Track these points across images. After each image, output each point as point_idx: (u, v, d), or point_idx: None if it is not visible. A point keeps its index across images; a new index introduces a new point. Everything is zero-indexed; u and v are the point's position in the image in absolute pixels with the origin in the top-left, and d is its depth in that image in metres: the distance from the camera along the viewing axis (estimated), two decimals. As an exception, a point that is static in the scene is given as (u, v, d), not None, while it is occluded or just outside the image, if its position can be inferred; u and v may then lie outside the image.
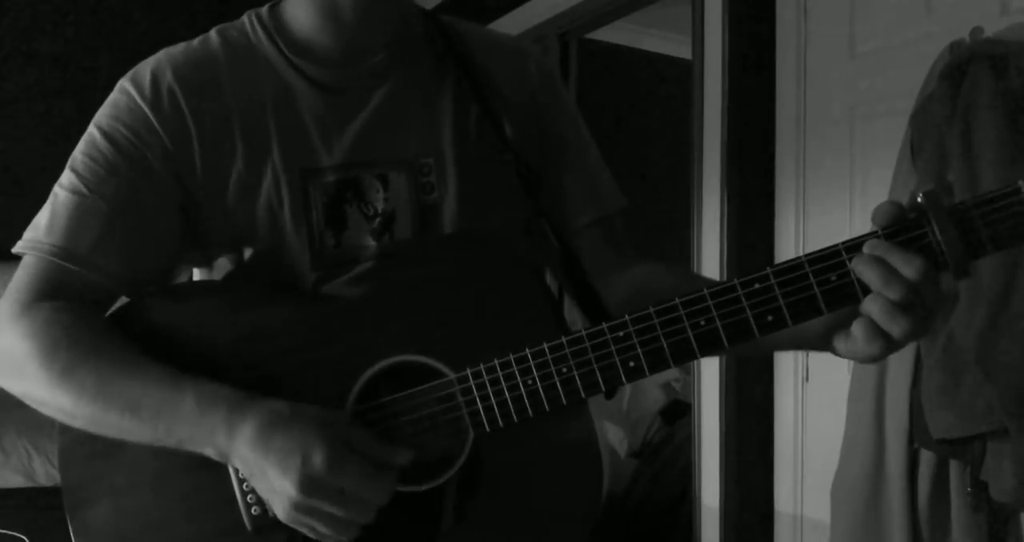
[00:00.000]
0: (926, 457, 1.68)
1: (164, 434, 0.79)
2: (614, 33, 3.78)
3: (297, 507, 0.75)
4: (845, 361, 2.07)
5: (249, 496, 0.82)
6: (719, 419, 2.44)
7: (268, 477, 0.76)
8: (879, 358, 0.72)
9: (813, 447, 2.33)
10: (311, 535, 0.78)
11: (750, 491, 2.43)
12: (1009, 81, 1.53)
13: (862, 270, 0.70)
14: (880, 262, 0.69)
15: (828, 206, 2.27)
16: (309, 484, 0.74)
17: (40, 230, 0.88)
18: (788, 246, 2.38)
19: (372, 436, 0.79)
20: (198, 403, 0.78)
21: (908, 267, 0.68)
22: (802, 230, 2.35)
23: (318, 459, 0.73)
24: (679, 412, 3.15)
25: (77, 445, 0.87)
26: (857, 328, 0.71)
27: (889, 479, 1.73)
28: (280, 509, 0.77)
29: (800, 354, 2.34)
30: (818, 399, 2.31)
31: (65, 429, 0.87)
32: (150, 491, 0.85)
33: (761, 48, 2.41)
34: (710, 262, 2.43)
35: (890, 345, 0.71)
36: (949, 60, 1.64)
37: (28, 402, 0.85)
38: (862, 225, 2.17)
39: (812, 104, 2.33)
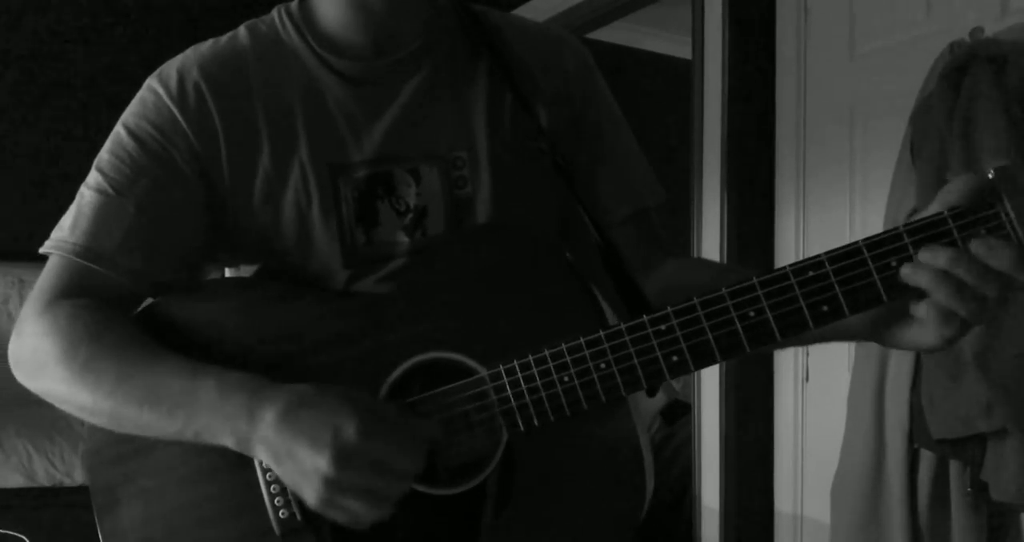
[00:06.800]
0: (926, 457, 1.68)
1: (183, 425, 0.77)
2: (614, 33, 3.76)
3: (330, 484, 0.71)
4: (845, 361, 2.10)
5: (277, 499, 0.80)
6: (719, 419, 2.44)
7: (298, 458, 0.72)
8: (952, 344, 0.68)
9: (813, 447, 2.33)
10: (343, 518, 0.73)
11: (750, 491, 2.43)
12: (1009, 81, 1.53)
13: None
14: (963, 257, 0.65)
15: (828, 206, 2.27)
16: (343, 457, 0.70)
17: (65, 230, 0.87)
18: (788, 246, 2.38)
19: (399, 406, 0.77)
20: (219, 390, 0.75)
21: (997, 259, 0.64)
22: (802, 230, 2.35)
23: (350, 430, 0.70)
24: (679, 412, 3.14)
25: (104, 447, 0.86)
26: (926, 312, 0.67)
27: (889, 479, 1.73)
28: (312, 492, 0.72)
29: (800, 354, 2.34)
30: (818, 399, 2.31)
31: (93, 432, 0.85)
32: (178, 494, 0.83)
33: (761, 48, 2.41)
34: (710, 262, 2.43)
35: (965, 328, 0.67)
36: (949, 60, 1.65)
37: (49, 400, 0.84)
38: (862, 225, 2.17)
39: (812, 104, 2.33)
